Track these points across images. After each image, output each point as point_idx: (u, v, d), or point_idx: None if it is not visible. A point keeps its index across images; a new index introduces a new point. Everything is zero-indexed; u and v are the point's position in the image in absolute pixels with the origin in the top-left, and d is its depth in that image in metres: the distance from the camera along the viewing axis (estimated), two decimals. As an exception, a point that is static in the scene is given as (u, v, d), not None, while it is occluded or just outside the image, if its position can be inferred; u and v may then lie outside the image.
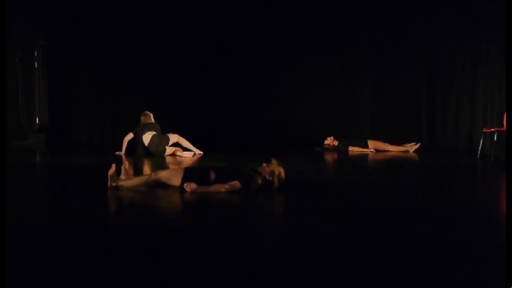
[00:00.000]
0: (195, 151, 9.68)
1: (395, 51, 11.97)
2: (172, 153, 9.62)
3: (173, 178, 5.69)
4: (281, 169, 5.65)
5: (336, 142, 10.71)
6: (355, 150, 10.54)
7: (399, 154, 10.21)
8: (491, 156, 8.81)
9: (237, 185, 5.54)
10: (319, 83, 12.48)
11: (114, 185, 5.71)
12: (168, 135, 9.69)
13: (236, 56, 12.29)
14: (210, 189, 5.53)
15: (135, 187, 5.72)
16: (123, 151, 9.53)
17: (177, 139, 9.70)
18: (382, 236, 3.99)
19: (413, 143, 10.65)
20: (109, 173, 5.72)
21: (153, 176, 5.80)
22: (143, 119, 9.84)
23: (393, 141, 10.70)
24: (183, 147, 9.76)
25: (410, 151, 10.44)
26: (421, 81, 11.96)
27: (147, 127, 9.69)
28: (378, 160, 9.46)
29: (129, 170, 6.00)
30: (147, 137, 9.55)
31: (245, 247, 3.68)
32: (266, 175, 5.62)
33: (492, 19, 9.34)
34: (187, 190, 5.49)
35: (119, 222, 4.67)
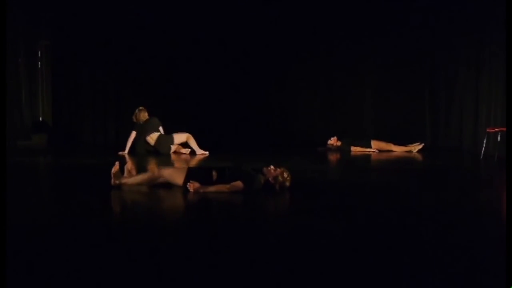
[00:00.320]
0: (199, 152, 9.70)
1: (398, 51, 11.97)
2: (174, 151, 9.74)
3: (176, 176, 5.69)
4: (287, 177, 5.62)
5: (339, 142, 10.69)
6: (357, 150, 10.54)
7: (403, 154, 10.20)
8: (494, 156, 8.79)
9: (239, 185, 5.53)
10: (322, 84, 12.47)
11: (117, 182, 5.73)
12: (173, 135, 9.78)
13: (239, 57, 12.30)
14: (212, 189, 5.53)
15: (138, 185, 5.72)
16: (126, 151, 9.57)
17: (186, 138, 9.76)
18: (382, 236, 3.99)
19: (417, 143, 10.64)
20: (112, 171, 5.74)
21: (156, 174, 5.80)
22: (141, 116, 9.83)
23: (396, 141, 10.68)
24: (189, 147, 9.83)
25: (413, 151, 10.43)
26: (425, 81, 11.97)
27: (149, 125, 9.76)
28: (381, 160, 9.44)
29: (132, 170, 6.00)
30: (152, 137, 9.68)
31: (247, 247, 3.68)
32: (269, 178, 5.61)
33: (496, 19, 9.31)
34: (190, 189, 5.50)
35: (122, 221, 4.68)
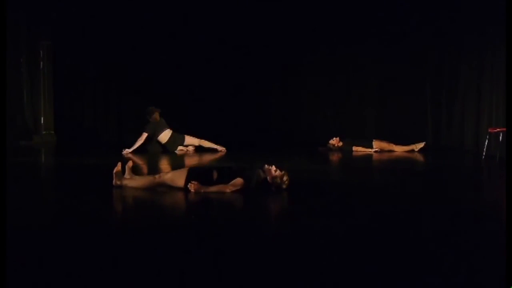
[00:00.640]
0: (218, 148, 10.09)
1: (400, 51, 11.96)
2: (185, 152, 9.99)
3: (177, 180, 5.68)
4: (285, 181, 5.62)
5: (340, 143, 10.67)
6: (359, 150, 10.52)
7: (404, 154, 10.18)
8: (496, 156, 8.78)
9: (239, 182, 5.52)
10: (324, 84, 12.48)
11: (119, 183, 5.73)
12: (184, 136, 10.12)
13: (240, 57, 12.31)
14: (213, 189, 5.53)
15: (139, 188, 5.73)
16: (131, 150, 9.60)
17: (198, 143, 10.14)
18: (382, 236, 3.99)
19: (418, 143, 10.61)
20: (114, 171, 5.75)
21: (157, 178, 5.79)
22: (155, 116, 10.04)
23: (398, 141, 10.66)
24: (204, 147, 10.15)
25: (415, 150, 10.41)
26: (426, 81, 11.96)
27: (161, 125, 10.06)
28: (382, 160, 9.44)
29: (136, 170, 6.03)
30: (166, 135, 9.97)
31: (247, 247, 3.68)
32: (268, 177, 5.61)
33: (498, 19, 9.29)
34: (191, 190, 5.51)
35: (123, 221, 4.68)
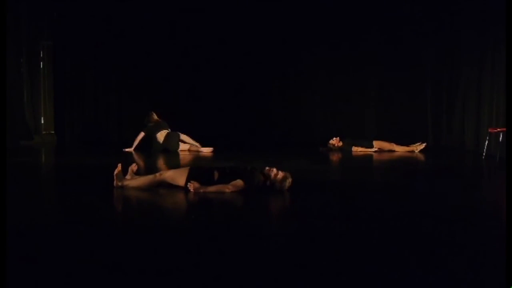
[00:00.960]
0: (203, 149, 10.19)
1: (401, 51, 11.97)
2: (188, 149, 10.21)
3: (177, 178, 5.70)
4: (288, 183, 5.62)
5: (340, 143, 10.67)
6: (359, 150, 10.53)
7: (404, 154, 10.19)
8: (496, 156, 8.79)
9: (240, 184, 5.54)
10: (325, 84, 12.49)
11: (120, 184, 5.74)
12: (178, 133, 10.35)
13: (241, 57, 12.31)
14: (213, 189, 5.54)
15: (140, 187, 5.74)
16: (132, 148, 10.01)
17: (190, 140, 10.37)
18: (383, 236, 4.00)
19: (419, 143, 10.63)
20: (115, 173, 5.76)
21: (158, 176, 5.81)
22: (152, 118, 10.40)
23: (398, 141, 10.67)
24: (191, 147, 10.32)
25: (415, 151, 10.42)
26: (427, 81, 11.97)
27: (159, 125, 10.33)
28: (382, 160, 9.44)
29: (136, 171, 6.03)
30: (162, 134, 10.21)
31: (247, 247, 3.69)
32: (269, 179, 5.62)
33: (498, 19, 9.29)
34: (191, 189, 5.52)
35: (123, 221, 4.69)
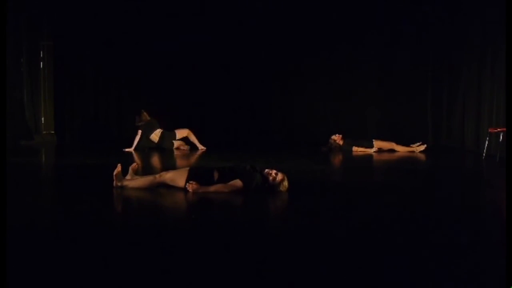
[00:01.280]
0: (199, 147, 10.41)
1: (400, 51, 11.98)
2: (177, 147, 10.40)
3: (177, 179, 5.69)
4: (285, 184, 5.64)
5: (341, 141, 10.64)
6: (359, 150, 10.52)
7: (405, 154, 10.18)
8: (496, 156, 8.79)
9: (238, 184, 5.54)
10: (326, 84, 12.49)
11: (119, 184, 5.74)
12: (175, 131, 10.51)
13: (241, 56, 12.32)
14: (212, 189, 5.54)
15: (140, 188, 5.74)
16: (132, 148, 10.14)
17: (187, 133, 10.53)
18: (383, 236, 4.00)
19: (419, 143, 10.62)
20: (115, 173, 5.75)
21: (158, 178, 5.80)
22: (144, 117, 10.49)
23: (399, 141, 10.66)
24: (189, 141, 10.53)
25: (416, 151, 10.41)
26: (427, 81, 11.98)
27: (151, 125, 10.44)
28: (383, 160, 9.44)
29: (136, 170, 6.04)
30: (157, 134, 10.37)
31: (248, 247, 3.69)
32: (268, 181, 5.63)
33: (498, 19, 9.29)
34: (189, 190, 5.52)
35: (124, 221, 4.69)
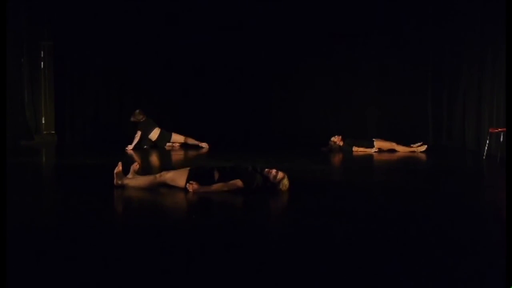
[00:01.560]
0: (202, 145, 10.68)
1: (401, 51, 11.98)
2: (171, 147, 10.75)
3: (178, 179, 5.70)
4: (285, 183, 5.64)
5: (341, 142, 10.65)
6: (359, 150, 10.52)
7: (406, 154, 10.17)
8: (497, 156, 8.78)
9: (238, 183, 5.54)
10: (326, 84, 12.50)
11: (120, 183, 5.74)
12: (171, 133, 10.83)
13: (242, 56, 12.32)
14: (212, 188, 5.54)
15: (140, 187, 5.74)
16: (132, 146, 10.34)
17: (183, 140, 10.86)
18: (383, 236, 4.00)
19: (420, 143, 10.62)
20: (115, 171, 5.76)
21: (158, 178, 5.81)
22: (141, 117, 10.74)
23: (399, 141, 10.65)
24: (189, 145, 10.77)
25: (416, 151, 10.41)
26: (427, 81, 11.98)
27: (150, 123, 10.72)
28: (383, 160, 9.44)
29: (138, 170, 6.04)
30: (156, 132, 10.73)
31: (248, 247, 3.69)
32: (269, 181, 5.63)
33: (498, 19, 9.29)
34: (189, 190, 5.51)
35: (124, 221, 4.69)
